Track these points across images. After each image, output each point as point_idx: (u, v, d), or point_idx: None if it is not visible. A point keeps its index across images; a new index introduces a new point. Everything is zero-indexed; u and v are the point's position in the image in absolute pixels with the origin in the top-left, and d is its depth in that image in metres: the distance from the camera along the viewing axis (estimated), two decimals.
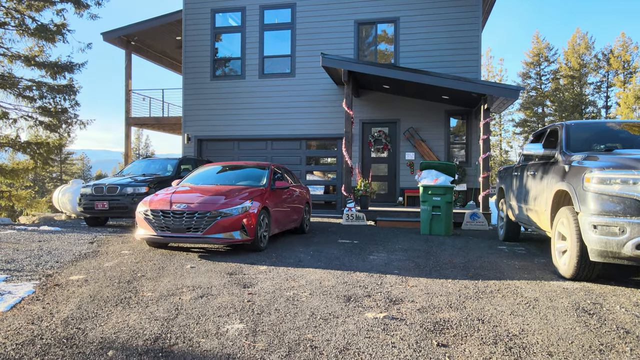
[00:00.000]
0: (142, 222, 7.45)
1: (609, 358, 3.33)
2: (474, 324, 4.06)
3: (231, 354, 3.42)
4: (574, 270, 5.67)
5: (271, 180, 8.59)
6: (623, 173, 5.10)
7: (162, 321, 4.13)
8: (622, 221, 5.00)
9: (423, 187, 10.11)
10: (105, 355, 3.40)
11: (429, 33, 13.56)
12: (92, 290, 5.09)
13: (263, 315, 4.29)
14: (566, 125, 7.01)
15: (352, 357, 3.36)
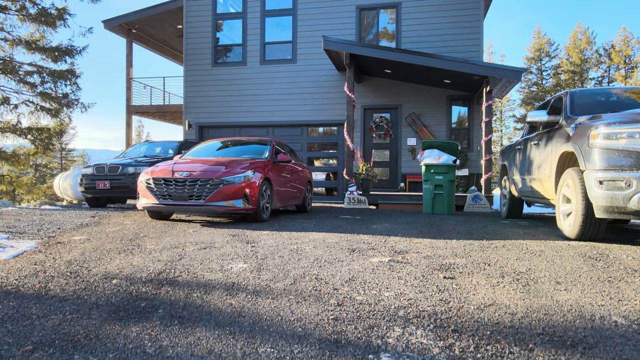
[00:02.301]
0: (144, 191, 7.40)
1: (618, 286, 3.29)
2: (480, 265, 4.03)
3: (236, 283, 3.38)
4: (579, 229, 5.62)
5: (273, 154, 8.55)
6: (629, 127, 5.05)
7: (166, 262, 4.09)
8: (628, 175, 4.95)
9: (425, 166, 10.07)
10: (110, 283, 3.36)
11: (430, 18, 13.56)
12: (95, 245, 5.05)
13: (267, 259, 4.25)
14: (570, 92, 6.98)
15: (358, 285, 3.32)
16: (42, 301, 2.92)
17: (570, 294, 3.05)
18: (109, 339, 2.34)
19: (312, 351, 2.17)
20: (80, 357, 2.11)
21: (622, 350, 2.15)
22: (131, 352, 2.18)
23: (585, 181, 5.38)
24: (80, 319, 2.61)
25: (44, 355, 2.13)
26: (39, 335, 2.37)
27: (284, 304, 2.85)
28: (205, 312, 2.72)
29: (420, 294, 3.09)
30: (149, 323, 2.55)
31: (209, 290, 3.17)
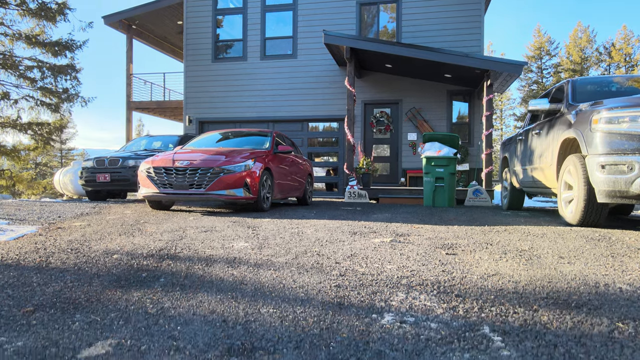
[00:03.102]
0: (145, 180, 7.38)
1: (622, 260, 3.28)
2: (482, 245, 4.01)
3: (237, 257, 3.36)
4: (581, 215, 5.60)
5: (274, 145, 8.53)
6: (632, 111, 5.03)
7: (167, 241, 4.07)
8: (630, 159, 4.93)
9: (426, 159, 10.06)
10: (110, 257, 3.34)
11: (431, 13, 13.56)
12: (96, 229, 5.04)
13: (268, 239, 4.23)
14: (572, 81, 6.97)
15: (360, 260, 3.30)
16: (42, 272, 2.90)
17: (573, 267, 3.03)
18: (110, 302, 2.32)
19: (315, 312, 2.15)
20: (81, 316, 2.09)
21: (628, 311, 2.13)
22: (132, 312, 2.16)
23: (587, 166, 5.36)
24: (81, 286, 2.59)
25: (45, 315, 2.11)
26: (40, 299, 2.35)
27: (285, 274, 2.84)
28: (207, 281, 2.70)
29: (422, 266, 3.07)
30: (150, 290, 2.53)
31: (211, 263, 3.15)
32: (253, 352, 1.69)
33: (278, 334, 1.87)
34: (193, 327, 1.95)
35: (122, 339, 1.81)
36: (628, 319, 2.03)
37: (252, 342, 1.79)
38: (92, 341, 1.79)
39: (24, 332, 1.90)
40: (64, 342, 1.79)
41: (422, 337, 1.84)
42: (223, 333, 1.88)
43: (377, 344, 1.76)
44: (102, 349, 1.71)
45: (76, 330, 1.92)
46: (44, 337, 1.83)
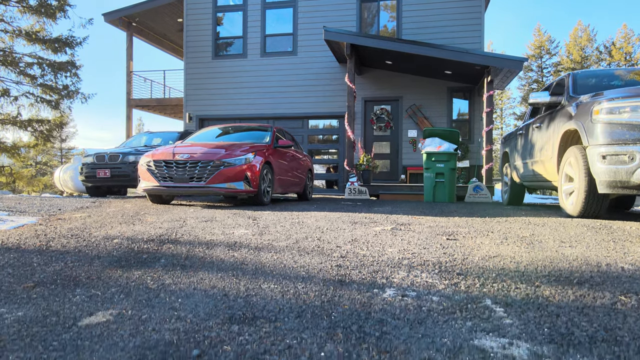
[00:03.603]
0: (145, 174, 7.37)
1: (623, 244, 3.27)
2: (482, 232, 4.00)
3: (237, 242, 3.35)
4: (582, 206, 5.58)
5: (274, 140, 8.52)
6: (632, 101, 5.01)
7: (167, 229, 4.07)
8: (631, 149, 4.91)
9: (426, 154, 10.05)
10: (111, 242, 3.34)
11: (431, 10, 13.56)
12: (96, 219, 5.03)
13: (269, 227, 4.22)
14: (573, 73, 6.95)
15: (361, 244, 3.30)
16: (42, 254, 2.90)
17: (575, 249, 3.02)
18: (111, 279, 2.32)
19: (316, 287, 2.15)
20: (82, 291, 2.09)
21: (630, 286, 2.12)
22: (133, 287, 2.15)
23: (588, 157, 5.35)
24: (82, 266, 2.59)
25: (45, 290, 2.11)
26: (40, 277, 2.35)
27: (286, 256, 2.83)
28: (207, 262, 2.69)
29: (424, 249, 3.06)
30: (151, 269, 2.53)
31: (211, 247, 3.15)
32: (254, 321, 1.68)
33: (279, 306, 1.86)
34: (194, 299, 1.95)
35: (122, 310, 1.81)
36: (631, 293, 2.02)
37: (253, 312, 1.78)
38: (92, 311, 1.79)
39: (24, 304, 1.90)
40: (64, 312, 1.78)
41: (424, 308, 1.83)
42: (224, 305, 1.87)
43: (378, 314, 1.75)
44: (103, 318, 1.70)
45: (77, 302, 1.91)
46: (45, 308, 1.83)
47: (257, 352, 1.39)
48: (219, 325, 1.63)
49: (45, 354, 1.38)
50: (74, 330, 1.58)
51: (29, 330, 1.58)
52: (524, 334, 1.55)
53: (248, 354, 1.38)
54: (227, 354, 1.38)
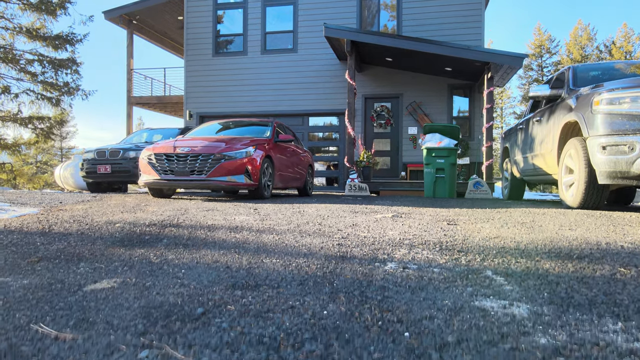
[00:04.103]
0: (146, 167, 7.38)
1: (623, 228, 3.28)
2: (483, 219, 4.02)
3: (239, 226, 3.37)
4: (582, 197, 5.59)
5: (275, 134, 8.53)
6: (632, 91, 5.02)
7: (169, 216, 4.08)
8: (631, 139, 4.91)
9: (427, 150, 10.05)
10: (113, 226, 3.35)
11: (431, 7, 13.58)
12: (97, 209, 5.04)
13: (270, 215, 4.24)
14: (573, 67, 6.96)
15: (362, 228, 3.31)
16: (45, 235, 2.91)
17: (574, 232, 3.04)
18: (114, 255, 2.33)
19: (318, 261, 2.16)
20: (85, 265, 2.10)
21: (630, 260, 2.14)
22: (136, 261, 2.17)
23: (588, 148, 5.35)
24: (85, 245, 2.60)
25: (49, 264, 2.12)
26: (44, 253, 2.36)
27: (288, 237, 2.84)
28: (209, 242, 2.71)
29: (424, 232, 3.08)
30: (153, 248, 2.54)
31: (213, 230, 3.16)
32: (257, 288, 1.69)
33: (281, 276, 1.88)
34: (197, 271, 1.96)
35: (126, 279, 1.82)
36: (630, 265, 2.04)
37: (256, 281, 1.79)
38: (97, 279, 1.80)
39: (29, 274, 1.91)
40: (69, 280, 1.80)
41: (425, 278, 1.85)
42: (227, 275, 1.89)
43: (380, 282, 1.77)
44: (107, 285, 1.72)
45: (81, 273, 1.93)
46: (49, 278, 1.84)
47: (261, 311, 1.41)
48: (222, 290, 1.64)
49: (52, 312, 1.40)
50: (79, 294, 1.59)
51: (35, 295, 1.60)
52: (524, 298, 1.56)
53: (251, 312, 1.40)
54: (231, 312, 1.40)
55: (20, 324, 1.30)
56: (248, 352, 1.10)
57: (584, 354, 1.09)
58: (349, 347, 1.14)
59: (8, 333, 1.23)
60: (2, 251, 2.40)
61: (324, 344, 1.15)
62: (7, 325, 1.29)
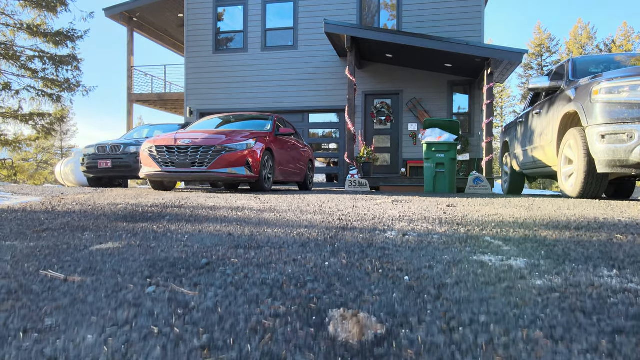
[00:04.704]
0: (147, 159, 7.40)
1: (621, 209, 3.31)
2: (482, 204, 4.05)
3: (240, 206, 3.40)
4: (581, 187, 5.60)
5: (275, 128, 8.56)
6: (631, 80, 5.04)
7: (170, 200, 4.11)
8: (630, 127, 4.93)
9: (427, 144, 10.07)
10: (116, 207, 3.38)
11: (432, 3, 13.61)
12: (99, 197, 5.07)
13: (271, 201, 4.27)
14: (573, 59, 6.98)
15: (362, 210, 3.34)
16: (49, 214, 2.94)
17: (573, 211, 3.07)
18: (117, 227, 2.36)
19: (319, 231, 2.19)
20: (90, 234, 2.13)
21: (626, 230, 2.17)
22: (139, 231, 2.20)
23: (588, 137, 5.38)
24: (88, 220, 2.63)
25: (54, 233, 2.15)
26: (49, 226, 2.39)
27: (289, 215, 2.87)
28: (211, 218, 2.74)
29: (424, 211, 3.11)
30: (156, 223, 2.57)
31: (215, 209, 3.19)
32: (259, 248, 1.72)
33: (283, 240, 1.91)
34: (200, 237, 1.99)
35: (130, 242, 1.85)
36: (627, 233, 2.07)
37: (258, 244, 1.82)
38: (102, 242, 1.83)
39: (35, 239, 1.94)
40: (74, 243, 1.83)
41: (425, 242, 1.87)
42: (229, 240, 1.92)
43: (380, 244, 1.80)
44: (112, 245, 1.75)
45: (86, 238, 1.96)
46: (55, 242, 1.87)
47: (264, 263, 1.44)
48: (225, 249, 1.67)
49: (60, 264, 1.43)
50: (85, 252, 1.62)
51: (42, 252, 1.63)
52: (521, 255, 1.59)
53: (254, 263, 1.43)
54: (235, 264, 1.43)
55: (29, 271, 1.33)
56: (252, 289, 1.13)
57: (579, 292, 1.12)
58: (350, 286, 1.17)
59: (18, 277, 1.26)
60: (7, 224, 2.43)
61: (325, 284, 1.18)
62: (16, 272, 1.32)
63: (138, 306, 0.99)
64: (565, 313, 0.94)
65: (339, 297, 1.06)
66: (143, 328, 0.87)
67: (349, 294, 1.09)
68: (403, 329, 0.85)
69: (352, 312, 0.89)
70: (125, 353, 0.75)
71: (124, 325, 0.89)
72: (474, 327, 0.86)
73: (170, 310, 0.97)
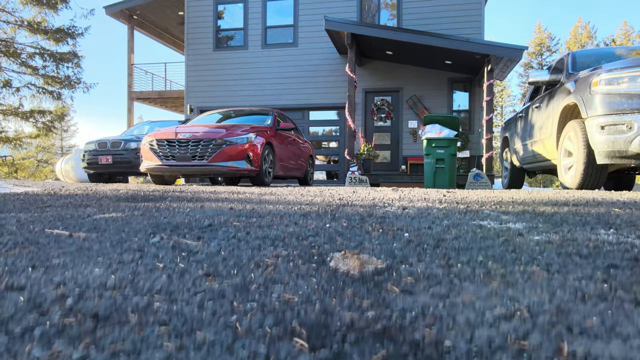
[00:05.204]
0: (147, 153, 7.41)
1: (620, 193, 3.33)
2: (482, 192, 4.07)
3: (241, 192, 3.42)
4: (581, 178, 5.61)
5: (275, 122, 8.57)
6: (631, 71, 5.05)
7: (171, 188, 4.13)
8: (629, 118, 4.94)
9: (427, 140, 10.08)
10: (117, 192, 3.40)
11: (431, 3, 13.63)
12: (99, 188, 5.09)
13: (271, 190, 4.29)
14: (572, 53, 6.99)
15: (362, 194, 3.36)
16: (52, 196, 2.96)
17: (573, 194, 3.09)
18: (120, 205, 2.38)
19: (320, 206, 2.21)
20: (92, 209, 2.15)
21: (624, 205, 2.19)
22: (142, 207, 2.21)
23: (587, 129, 5.38)
24: (91, 200, 2.65)
25: (57, 208, 2.17)
26: (52, 204, 2.41)
27: (289, 198, 2.89)
28: (213, 199, 2.76)
29: (424, 194, 3.13)
30: (158, 202, 2.59)
31: (216, 194, 3.22)
32: (261, 217, 1.74)
33: (284, 212, 1.93)
34: (202, 210, 2.01)
35: (133, 212, 1.87)
36: (625, 207, 2.09)
37: (259, 215, 1.84)
38: (105, 212, 1.85)
39: (38, 212, 1.96)
40: (78, 214, 1.85)
41: (424, 213, 1.89)
42: (231, 212, 1.94)
43: (380, 214, 1.82)
44: (115, 215, 1.77)
45: (88, 211, 1.98)
46: (58, 213, 1.89)
47: (265, 225, 1.46)
48: (227, 217, 1.69)
49: (64, 226, 1.45)
50: (89, 219, 1.64)
51: (46, 219, 1.65)
52: (520, 221, 1.61)
53: (256, 225, 1.44)
54: (237, 226, 1.45)
55: (35, 230, 1.35)
56: (254, 242, 1.15)
57: (576, 244, 1.13)
58: (351, 239, 1.19)
59: (24, 234, 1.28)
60: (11, 203, 2.45)
61: (327, 238, 1.20)
62: (22, 231, 1.34)
63: (143, 251, 1.01)
64: (561, 256, 0.96)
65: (340, 246, 1.08)
66: (148, 265, 0.89)
67: (350, 244, 1.11)
68: (403, 264, 0.87)
69: (353, 252, 0.91)
70: (132, 280, 0.77)
71: (130, 263, 0.91)
72: (471, 264, 0.88)
73: (175, 254, 0.99)
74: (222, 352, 0.48)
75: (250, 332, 0.53)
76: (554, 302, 0.63)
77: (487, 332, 0.53)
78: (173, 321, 0.57)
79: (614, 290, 0.69)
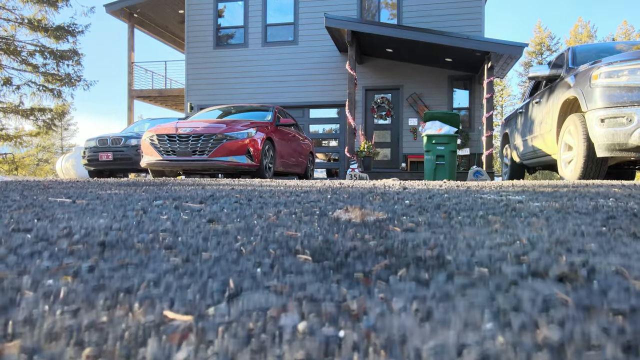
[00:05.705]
0: (148, 148, 7.41)
1: (621, 182, 3.34)
2: (484, 183, 4.07)
3: (242, 181, 3.43)
4: (581, 171, 5.60)
5: (275, 118, 8.58)
6: (630, 64, 5.05)
7: (171, 179, 4.14)
8: (629, 111, 4.94)
9: (427, 137, 10.09)
10: (117, 181, 3.41)
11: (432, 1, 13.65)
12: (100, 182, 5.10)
13: (272, 184, 4.30)
14: (572, 48, 6.99)
15: (363, 184, 3.37)
16: (53, 182, 2.97)
17: (572, 181, 3.10)
18: (121, 187, 2.39)
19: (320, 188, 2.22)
20: (93, 189, 2.16)
21: (625, 187, 2.20)
22: (144, 188, 2.22)
23: (587, 122, 5.38)
24: (90, 186, 2.66)
25: (59, 188, 2.18)
26: (54, 187, 2.42)
27: (290, 184, 2.91)
28: (214, 184, 2.77)
29: (425, 185, 3.14)
30: (160, 187, 2.60)
31: (217, 184, 3.22)
32: (261, 194, 1.75)
33: (285, 190, 1.94)
34: (203, 190, 2.02)
35: (135, 191, 1.88)
36: (624, 188, 2.10)
37: (260, 193, 1.86)
38: (107, 190, 1.86)
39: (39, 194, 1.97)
40: (80, 191, 1.86)
41: (424, 191, 1.90)
42: (232, 191, 1.94)
43: (380, 191, 1.83)
44: (115, 191, 1.78)
45: (90, 191, 1.99)
46: (62, 190, 1.90)
47: (266, 196, 1.47)
48: (228, 191, 1.70)
49: (68, 196, 1.46)
50: (90, 194, 1.65)
51: (50, 193, 1.66)
52: (519, 195, 1.62)
53: (257, 196, 1.46)
54: (238, 198, 1.46)
55: (39, 199, 1.36)
56: (255, 206, 1.16)
57: (576, 207, 1.15)
58: (352, 202, 1.20)
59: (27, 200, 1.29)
60: (14, 186, 2.46)
61: (328, 203, 1.21)
62: (26, 199, 1.35)
63: (146, 211, 1.02)
64: (561, 213, 0.97)
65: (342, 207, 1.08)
66: (152, 217, 0.90)
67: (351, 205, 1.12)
68: (405, 217, 0.88)
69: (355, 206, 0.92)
70: (137, 225, 0.78)
71: (134, 217, 0.91)
72: (471, 216, 0.89)
73: (178, 212, 1.00)
74: (228, 264, 0.49)
75: (254, 252, 0.54)
76: (553, 237, 0.64)
77: (487, 252, 0.54)
78: (179, 247, 0.58)
79: (612, 230, 0.70)
